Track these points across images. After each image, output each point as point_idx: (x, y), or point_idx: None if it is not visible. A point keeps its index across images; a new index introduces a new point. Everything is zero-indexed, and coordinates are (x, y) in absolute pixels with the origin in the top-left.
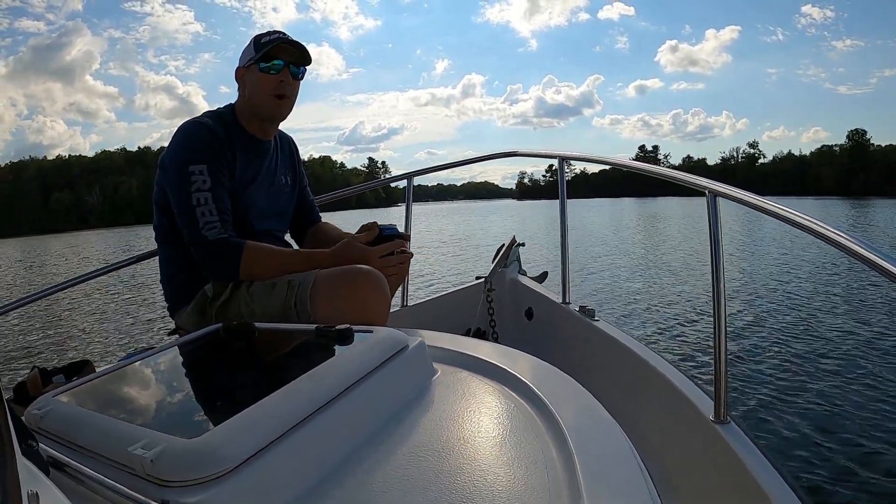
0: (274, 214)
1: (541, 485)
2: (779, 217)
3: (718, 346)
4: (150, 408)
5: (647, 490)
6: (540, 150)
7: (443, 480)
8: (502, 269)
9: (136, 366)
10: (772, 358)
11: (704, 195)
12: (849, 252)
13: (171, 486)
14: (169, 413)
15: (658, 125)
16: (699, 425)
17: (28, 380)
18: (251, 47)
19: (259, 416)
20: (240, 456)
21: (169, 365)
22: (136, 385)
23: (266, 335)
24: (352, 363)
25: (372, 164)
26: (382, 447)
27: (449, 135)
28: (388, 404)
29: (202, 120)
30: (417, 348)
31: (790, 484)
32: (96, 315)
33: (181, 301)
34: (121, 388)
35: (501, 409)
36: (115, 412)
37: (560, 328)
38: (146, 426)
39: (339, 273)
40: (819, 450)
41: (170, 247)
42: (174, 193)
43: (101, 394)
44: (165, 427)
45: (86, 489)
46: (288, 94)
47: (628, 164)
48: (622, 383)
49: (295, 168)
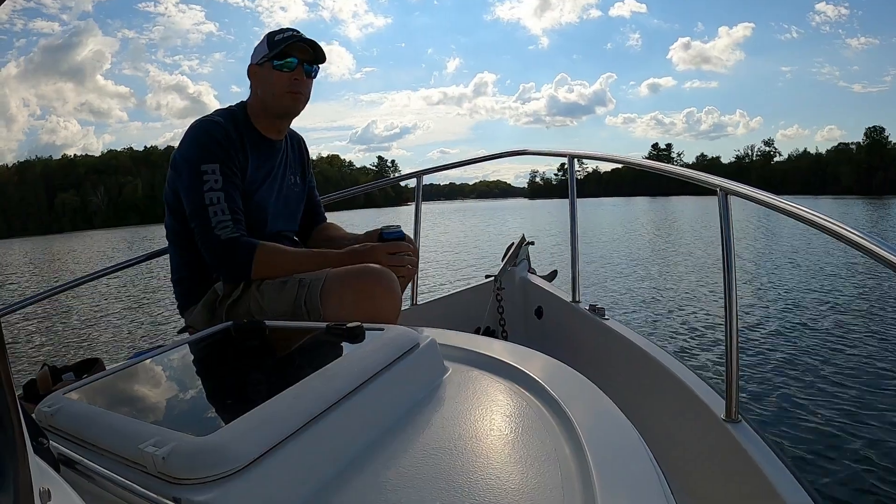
0: (285, 215)
1: (554, 482)
2: (791, 215)
3: (730, 345)
4: (160, 405)
5: (660, 488)
6: (549, 148)
7: (455, 478)
8: (512, 268)
9: (146, 363)
10: (784, 357)
11: (716, 193)
12: (863, 250)
13: (182, 484)
14: (180, 411)
15: (671, 124)
16: (711, 424)
17: (38, 377)
18: (264, 44)
19: (270, 414)
20: (251, 454)
21: (179, 363)
22: (147, 383)
23: (277, 333)
24: (363, 361)
25: (381, 162)
26: (394, 445)
27: (462, 134)
28: (399, 402)
29: (214, 118)
30: (429, 346)
31: (803, 484)
32: (106, 314)
33: (191, 300)
34: (131, 385)
35: (513, 406)
36: (126, 410)
37: (570, 327)
38: (157, 424)
39: (349, 271)
40: (832, 450)
41: (180, 246)
42: (186, 193)
43: (111, 391)
44: (176, 425)
45: (97, 486)
46: (302, 91)
47: (639, 163)
48: (633, 382)
49: (304, 168)
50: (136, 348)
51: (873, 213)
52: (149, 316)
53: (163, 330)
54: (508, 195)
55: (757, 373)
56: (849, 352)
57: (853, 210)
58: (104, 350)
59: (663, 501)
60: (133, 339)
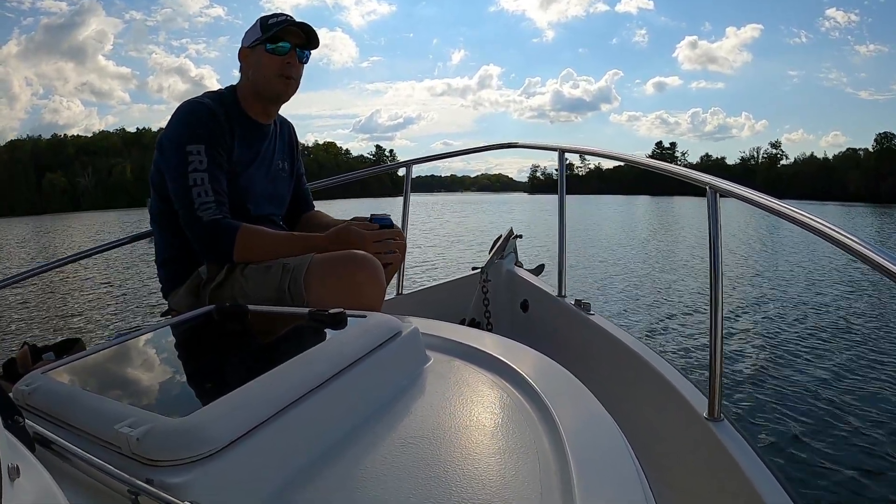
0: (271, 199)
1: (532, 474)
2: (780, 214)
3: (714, 344)
4: (138, 387)
5: (639, 483)
6: (540, 142)
7: (433, 467)
8: (499, 261)
9: (126, 345)
10: (767, 357)
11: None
12: (848, 250)
13: (156, 466)
14: (158, 392)
15: (676, 123)
16: (693, 422)
17: (18, 356)
18: (257, 28)
19: (248, 398)
20: (227, 436)
21: (160, 345)
22: (126, 364)
23: (259, 317)
24: (344, 347)
25: (379, 151)
26: (373, 432)
27: (466, 126)
28: (379, 390)
29: (202, 100)
30: (411, 335)
31: (782, 483)
32: (89, 295)
33: (175, 282)
34: (110, 366)
35: (494, 398)
36: (104, 390)
37: (555, 321)
38: (134, 405)
39: (334, 257)
40: (811, 449)
41: (165, 228)
42: (170, 173)
43: (90, 372)
44: (153, 406)
45: (71, 466)
46: (294, 76)
47: (629, 159)
48: (616, 378)
49: (293, 154)
50: (119, 330)
51: (884, 223)
52: (133, 298)
53: (147, 312)
54: (509, 189)
55: (740, 372)
56: (831, 352)
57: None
58: (87, 331)
59: (642, 496)
60: (116, 321)
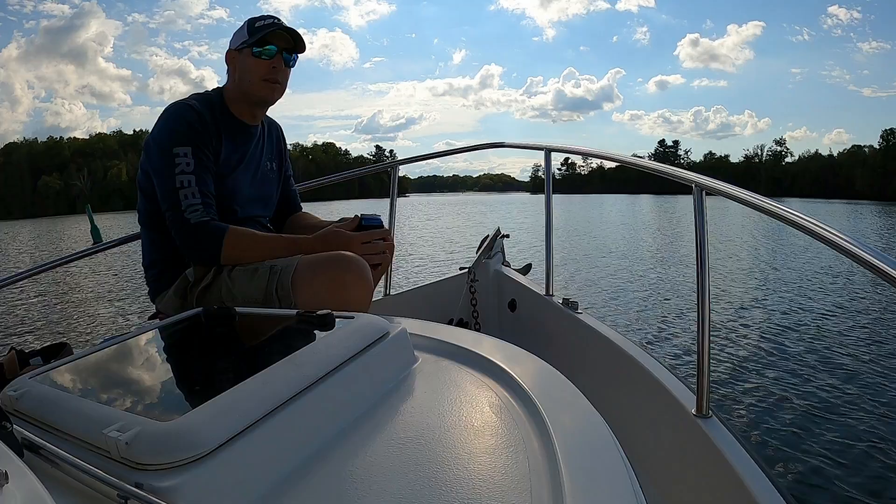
0: (258, 200)
1: (521, 473)
2: (766, 212)
3: (702, 341)
4: (127, 391)
5: (628, 480)
6: (527, 142)
7: (422, 468)
8: (486, 261)
9: (114, 349)
10: (754, 353)
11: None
12: (835, 247)
13: (145, 469)
14: (146, 396)
15: (678, 122)
16: (681, 419)
17: (5, 362)
18: (244, 30)
19: (236, 400)
20: (216, 440)
21: (148, 348)
22: (114, 368)
23: (246, 320)
24: (332, 349)
25: (379, 152)
26: (362, 433)
27: (468, 126)
28: (368, 391)
29: (189, 102)
30: (399, 335)
31: (770, 478)
32: (77, 299)
33: (162, 286)
34: (98, 370)
35: (483, 397)
36: (92, 395)
37: (543, 320)
38: (122, 409)
39: (321, 259)
40: (799, 444)
41: (153, 231)
42: (157, 175)
43: (78, 376)
44: (142, 410)
45: (59, 471)
46: (280, 80)
47: (614, 157)
48: (604, 376)
49: (281, 155)
50: (106, 334)
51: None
52: (120, 302)
53: (134, 316)
54: (512, 189)
55: (728, 369)
56: (817, 347)
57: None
58: (74, 336)
59: (631, 493)
60: (104, 325)
